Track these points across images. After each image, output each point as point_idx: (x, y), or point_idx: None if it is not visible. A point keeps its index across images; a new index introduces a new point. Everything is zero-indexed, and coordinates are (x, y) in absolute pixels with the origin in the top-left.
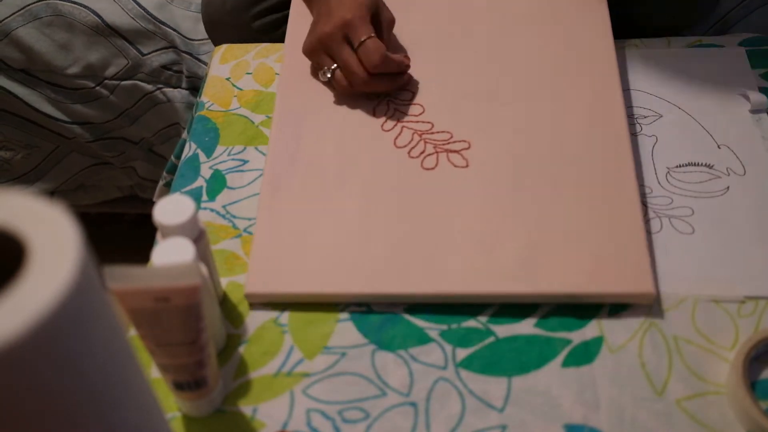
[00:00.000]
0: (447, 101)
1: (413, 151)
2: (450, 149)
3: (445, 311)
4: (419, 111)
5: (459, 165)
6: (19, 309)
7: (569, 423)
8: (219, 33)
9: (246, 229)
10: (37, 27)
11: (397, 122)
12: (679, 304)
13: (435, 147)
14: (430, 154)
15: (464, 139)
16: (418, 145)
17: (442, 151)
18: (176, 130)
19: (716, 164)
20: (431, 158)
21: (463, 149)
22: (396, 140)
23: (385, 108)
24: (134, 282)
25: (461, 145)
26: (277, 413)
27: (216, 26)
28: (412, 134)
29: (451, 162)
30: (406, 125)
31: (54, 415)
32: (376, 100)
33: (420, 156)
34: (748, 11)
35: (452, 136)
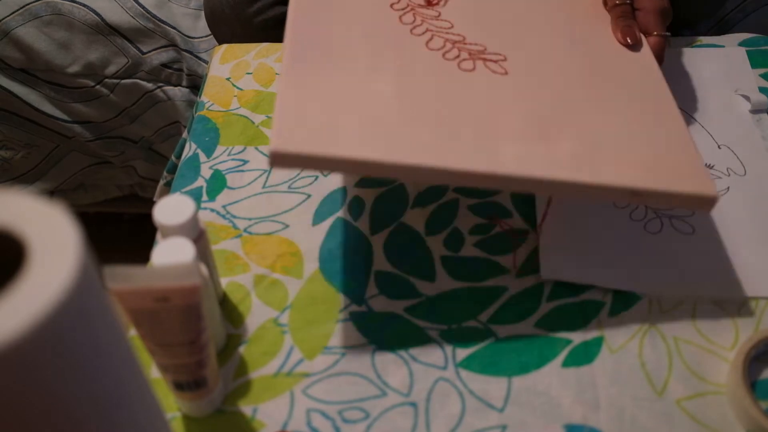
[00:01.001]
0: (475, 20)
1: (448, 54)
2: (486, 58)
3: (446, 311)
4: (448, 25)
5: (498, 72)
6: (19, 309)
7: (569, 423)
8: (221, 27)
9: (246, 229)
10: (37, 26)
11: (426, 30)
12: (679, 305)
13: (470, 54)
14: (466, 59)
15: (499, 52)
16: (452, 51)
17: (479, 58)
18: (176, 129)
19: (716, 164)
20: (468, 62)
21: (500, 60)
22: (428, 43)
23: (411, 18)
24: (134, 282)
25: (497, 57)
26: (277, 413)
27: (218, 20)
28: (444, 41)
29: (489, 69)
30: (436, 33)
31: (54, 414)
32: (401, 11)
33: (456, 59)
34: (748, 12)
35: (486, 48)
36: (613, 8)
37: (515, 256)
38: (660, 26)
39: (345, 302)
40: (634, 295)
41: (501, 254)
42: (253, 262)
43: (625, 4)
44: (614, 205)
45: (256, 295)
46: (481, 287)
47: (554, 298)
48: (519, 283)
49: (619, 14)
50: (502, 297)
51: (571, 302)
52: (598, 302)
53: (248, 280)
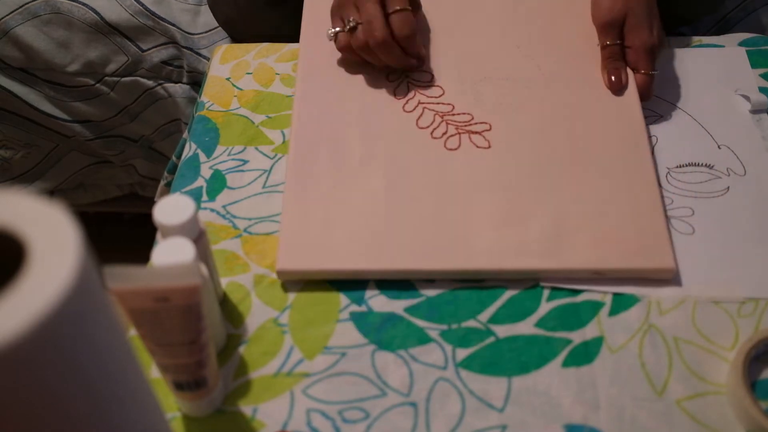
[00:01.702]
0: (466, 84)
1: (435, 132)
2: (472, 131)
3: (446, 311)
4: (439, 93)
5: (481, 146)
6: (19, 309)
7: (569, 423)
8: (221, 5)
9: (246, 229)
10: (36, 25)
11: (419, 104)
12: (679, 305)
13: (457, 128)
14: (453, 135)
15: (485, 121)
16: (440, 126)
17: (464, 132)
18: (177, 126)
19: (716, 164)
20: (454, 139)
21: (485, 131)
22: (418, 121)
23: (405, 90)
24: (134, 282)
25: (482, 127)
26: (277, 413)
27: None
28: (434, 116)
29: (473, 143)
30: (427, 107)
31: (54, 414)
32: (396, 82)
33: (443, 137)
34: (750, 11)
35: (473, 118)
36: (603, 49)
37: None
38: (648, 64)
39: (345, 302)
40: (634, 295)
41: None
42: (253, 262)
43: (616, 45)
44: None
45: (256, 295)
46: (481, 287)
47: (554, 298)
48: (519, 283)
49: (608, 55)
50: (502, 297)
51: (571, 302)
52: (598, 302)
53: (248, 280)
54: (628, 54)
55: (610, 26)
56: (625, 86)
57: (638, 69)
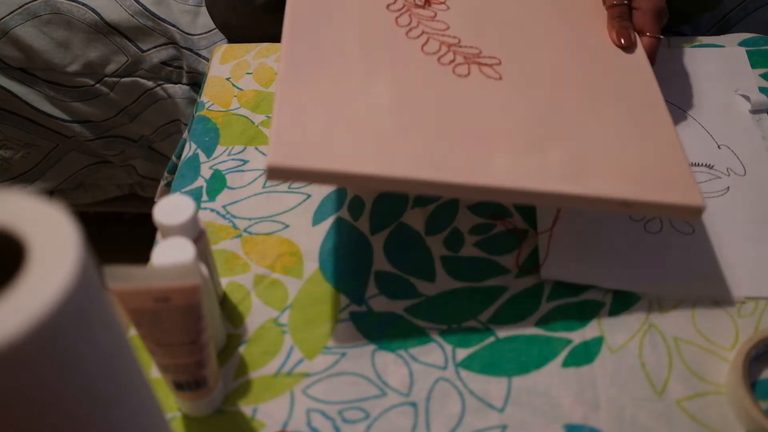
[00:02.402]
0: (471, 21)
1: (443, 59)
2: (481, 62)
3: (446, 311)
4: (444, 27)
5: (492, 77)
6: (19, 309)
7: (569, 423)
8: (219, 9)
9: (246, 229)
10: (36, 25)
11: (422, 33)
12: (679, 305)
13: (465, 58)
14: (461, 63)
15: (494, 56)
16: (447, 54)
17: (473, 63)
18: (176, 127)
19: (716, 164)
20: (462, 67)
21: (495, 64)
22: (423, 47)
23: (407, 20)
24: (134, 282)
25: (492, 60)
26: (277, 413)
27: (216, 2)
28: (440, 44)
29: (483, 73)
30: (432, 36)
31: (54, 414)
32: (397, 12)
33: (451, 64)
34: (750, 10)
35: (481, 52)
36: (610, 7)
37: (519, 253)
38: (655, 27)
39: (345, 302)
40: (634, 295)
41: (501, 254)
42: (253, 262)
43: (623, 5)
44: None
45: (256, 295)
46: (481, 287)
47: (554, 298)
48: (519, 283)
49: (615, 14)
50: (502, 297)
51: (571, 302)
52: (598, 302)
53: (248, 280)
54: (634, 15)
55: None
56: (633, 44)
57: (644, 31)
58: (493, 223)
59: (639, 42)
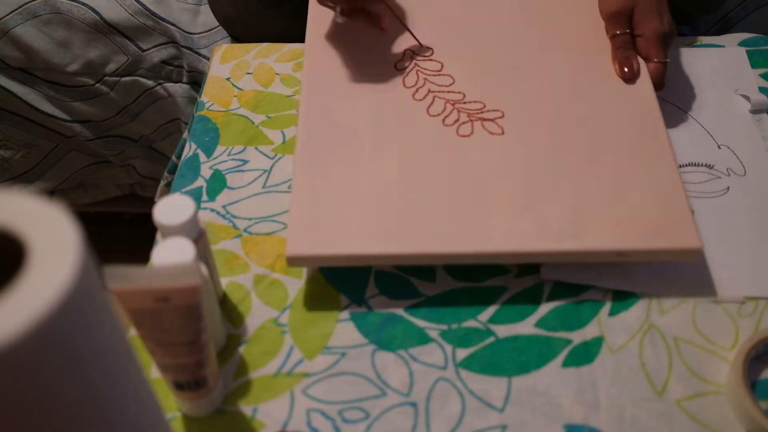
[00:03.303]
0: (476, 72)
1: (447, 119)
2: (484, 117)
3: (446, 311)
4: (449, 82)
5: (494, 132)
6: (19, 309)
7: (569, 423)
8: (221, 4)
9: (246, 229)
10: (36, 25)
11: (429, 92)
12: (679, 305)
13: (469, 115)
14: (465, 122)
15: (497, 108)
16: (452, 114)
17: (477, 119)
18: (176, 126)
19: (716, 164)
20: (466, 126)
21: (497, 118)
22: (429, 109)
23: (414, 79)
24: (134, 282)
25: (495, 114)
26: (277, 413)
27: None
28: (445, 103)
29: (486, 129)
30: (437, 95)
31: (54, 414)
32: (405, 72)
33: (455, 124)
34: (750, 10)
35: (485, 105)
36: (612, 38)
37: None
38: (660, 52)
39: (345, 302)
40: (634, 295)
41: None
42: (253, 262)
43: (625, 34)
44: None
45: (256, 295)
46: (481, 287)
47: (554, 298)
48: (519, 283)
49: (618, 45)
50: (502, 297)
51: (571, 302)
52: (598, 302)
53: (248, 280)
54: (638, 43)
55: (618, 16)
56: (636, 74)
57: (650, 58)
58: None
59: (645, 69)
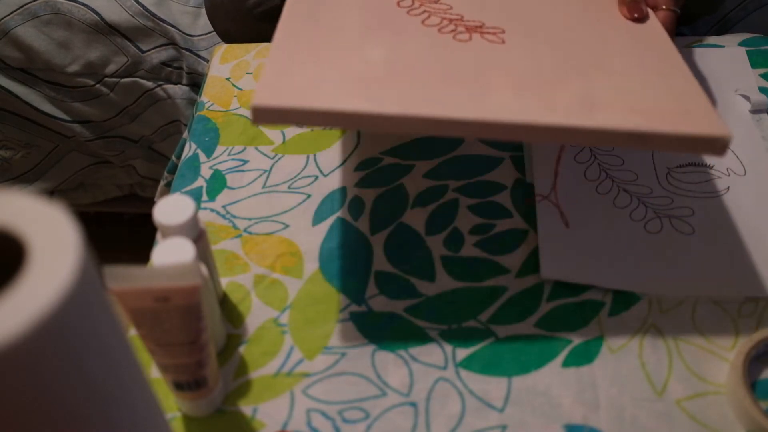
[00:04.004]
0: (476, 1)
1: (444, 30)
2: (484, 31)
3: (446, 311)
4: (446, 7)
5: (495, 41)
6: (19, 309)
7: (569, 423)
8: (220, 18)
9: (246, 229)
10: (36, 26)
11: (424, 11)
12: (679, 304)
13: (467, 29)
14: (462, 32)
15: (497, 26)
16: (449, 26)
17: (475, 31)
18: (176, 127)
19: (716, 164)
20: (464, 35)
21: (498, 32)
22: (425, 21)
23: (410, 1)
24: (134, 282)
25: (495, 29)
26: (277, 413)
27: (218, 11)
28: (442, 18)
29: (485, 39)
30: (434, 13)
31: (53, 414)
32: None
33: (451, 33)
34: (750, 10)
35: (484, 24)
36: None
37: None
38: (669, 0)
39: (345, 302)
40: (634, 295)
41: (501, 254)
42: (253, 262)
43: None
44: (614, 205)
45: (256, 295)
46: (481, 287)
47: (554, 298)
48: (519, 283)
49: None
50: (502, 297)
51: (571, 302)
52: (598, 302)
53: (248, 280)
54: None
55: None
56: (646, 16)
57: (658, 5)
58: (493, 223)
59: (653, 16)
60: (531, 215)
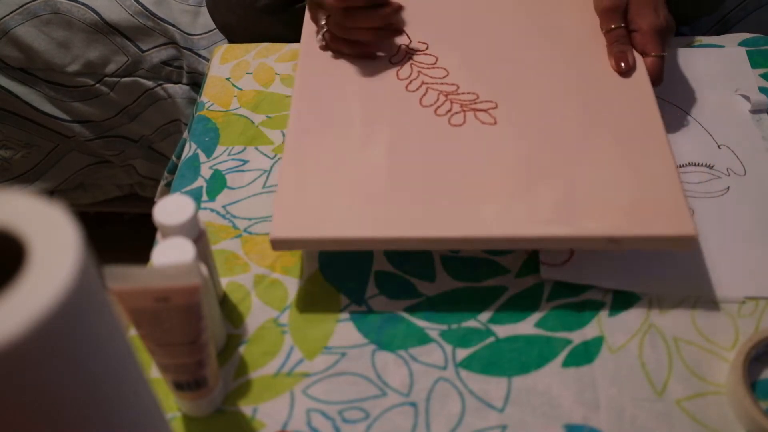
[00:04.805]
0: (471, 65)
1: (440, 110)
2: (477, 108)
3: (446, 311)
4: (443, 74)
5: (487, 122)
6: (19, 309)
7: (569, 423)
8: (221, 11)
9: (246, 229)
10: (36, 25)
11: (422, 84)
12: (679, 305)
13: (462, 106)
14: (457, 112)
15: (491, 100)
16: (445, 105)
17: (469, 110)
18: (176, 127)
19: (716, 164)
20: (458, 116)
21: (491, 108)
22: (421, 100)
23: (408, 71)
24: (134, 282)
25: (488, 105)
26: (277, 413)
27: (218, 4)
28: (438, 95)
29: (478, 119)
30: (431, 87)
31: (53, 414)
32: (399, 65)
33: (447, 114)
34: (750, 10)
35: (478, 97)
36: (607, 33)
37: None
38: (657, 47)
39: (345, 302)
40: (634, 295)
41: (501, 254)
42: (253, 262)
43: (620, 28)
44: None
45: (256, 295)
46: (481, 287)
47: (554, 298)
48: (519, 283)
49: (613, 39)
50: (502, 297)
51: (571, 302)
52: (598, 302)
53: (248, 280)
54: (634, 38)
55: (613, 11)
56: (632, 68)
57: (647, 52)
58: None
59: (642, 64)
60: None
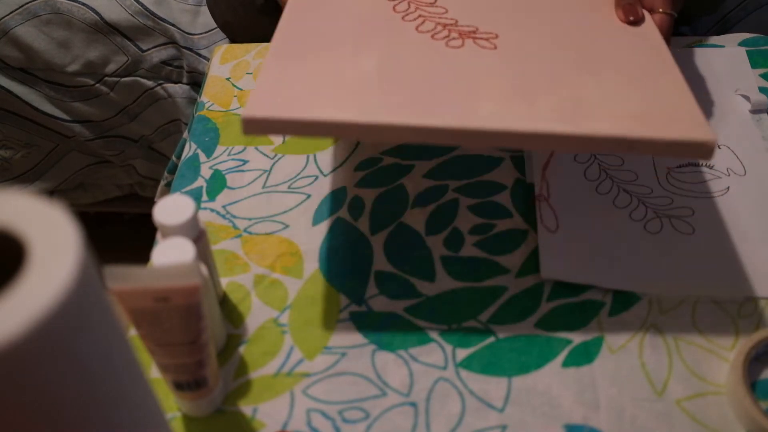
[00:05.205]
0: (471, 5)
1: (437, 36)
2: (477, 36)
3: (446, 311)
4: (442, 10)
5: (487, 47)
6: (19, 309)
7: (569, 423)
8: (221, 9)
9: (246, 229)
10: (36, 25)
11: (419, 16)
12: (679, 304)
13: (460, 34)
14: (455, 38)
15: (491, 31)
16: (442, 32)
17: (468, 37)
18: (176, 127)
19: (716, 164)
20: (456, 42)
21: (491, 38)
22: (418, 27)
23: (406, 6)
24: (134, 282)
25: (488, 35)
26: (277, 413)
27: (219, 2)
28: (436, 24)
29: (477, 45)
30: (428, 18)
31: (53, 414)
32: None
33: (444, 39)
34: (750, 10)
35: (478, 29)
36: None
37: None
38: (666, 3)
39: (345, 302)
40: (634, 295)
41: (501, 254)
42: (253, 262)
43: None
44: (614, 205)
45: (256, 295)
46: (481, 287)
47: (554, 298)
48: (519, 283)
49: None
50: (502, 297)
51: (571, 302)
52: (598, 302)
53: (248, 280)
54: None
55: None
56: (641, 19)
57: (654, 8)
58: (493, 223)
59: (650, 19)
60: (531, 215)
